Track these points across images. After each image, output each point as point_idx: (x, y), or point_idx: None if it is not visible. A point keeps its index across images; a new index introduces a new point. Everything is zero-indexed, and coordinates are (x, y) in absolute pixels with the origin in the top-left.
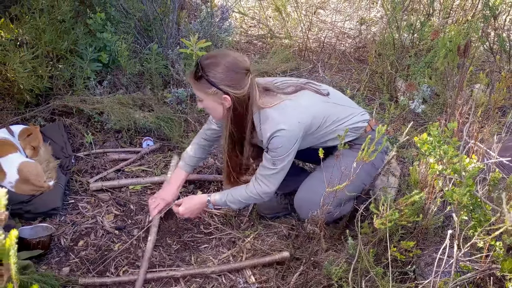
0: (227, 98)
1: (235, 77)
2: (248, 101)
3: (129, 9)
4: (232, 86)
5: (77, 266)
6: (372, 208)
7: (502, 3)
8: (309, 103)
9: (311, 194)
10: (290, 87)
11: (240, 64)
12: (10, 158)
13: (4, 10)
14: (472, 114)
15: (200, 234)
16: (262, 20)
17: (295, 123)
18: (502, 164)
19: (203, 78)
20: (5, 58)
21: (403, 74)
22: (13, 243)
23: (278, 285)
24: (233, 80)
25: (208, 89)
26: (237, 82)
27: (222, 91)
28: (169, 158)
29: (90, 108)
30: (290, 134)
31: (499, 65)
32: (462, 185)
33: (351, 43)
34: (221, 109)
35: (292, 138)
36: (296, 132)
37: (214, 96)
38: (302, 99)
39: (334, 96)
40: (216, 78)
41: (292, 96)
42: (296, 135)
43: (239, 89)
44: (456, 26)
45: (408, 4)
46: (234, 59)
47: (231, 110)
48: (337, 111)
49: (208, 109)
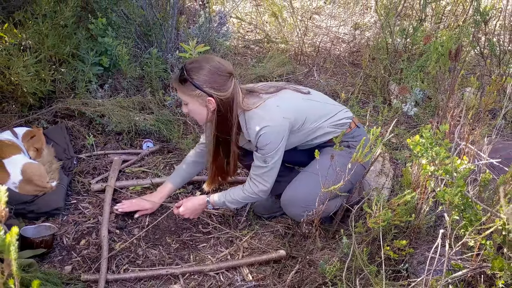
0: (211, 101)
1: (219, 80)
2: (232, 103)
3: (130, 15)
4: (216, 88)
5: (79, 264)
6: (365, 208)
7: (492, 8)
8: (291, 100)
9: (295, 193)
10: (272, 88)
11: (223, 68)
12: (14, 160)
13: (8, 16)
14: (463, 116)
15: (198, 233)
16: (259, 25)
17: (280, 118)
18: (492, 165)
19: (187, 81)
20: (9, 62)
21: (396, 77)
22: (14, 239)
23: (275, 283)
24: (216, 83)
25: (192, 92)
26: (221, 84)
27: (206, 93)
28: (169, 160)
29: (92, 110)
30: (277, 130)
31: (489, 69)
32: (454, 185)
33: (346, 47)
34: (205, 111)
35: (279, 133)
36: (282, 127)
37: (198, 99)
38: (284, 97)
39: (314, 95)
40: (200, 81)
41: (274, 95)
42: (282, 130)
43: (223, 91)
44: (447, 31)
45: (401, 9)
46: (217, 63)
47: (215, 112)
48: (320, 107)
49: (192, 113)
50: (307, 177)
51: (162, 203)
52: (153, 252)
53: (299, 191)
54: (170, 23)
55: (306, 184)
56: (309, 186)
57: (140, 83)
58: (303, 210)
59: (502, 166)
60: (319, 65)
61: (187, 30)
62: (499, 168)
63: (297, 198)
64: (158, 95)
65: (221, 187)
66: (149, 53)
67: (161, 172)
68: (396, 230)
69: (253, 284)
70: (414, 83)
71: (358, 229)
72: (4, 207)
